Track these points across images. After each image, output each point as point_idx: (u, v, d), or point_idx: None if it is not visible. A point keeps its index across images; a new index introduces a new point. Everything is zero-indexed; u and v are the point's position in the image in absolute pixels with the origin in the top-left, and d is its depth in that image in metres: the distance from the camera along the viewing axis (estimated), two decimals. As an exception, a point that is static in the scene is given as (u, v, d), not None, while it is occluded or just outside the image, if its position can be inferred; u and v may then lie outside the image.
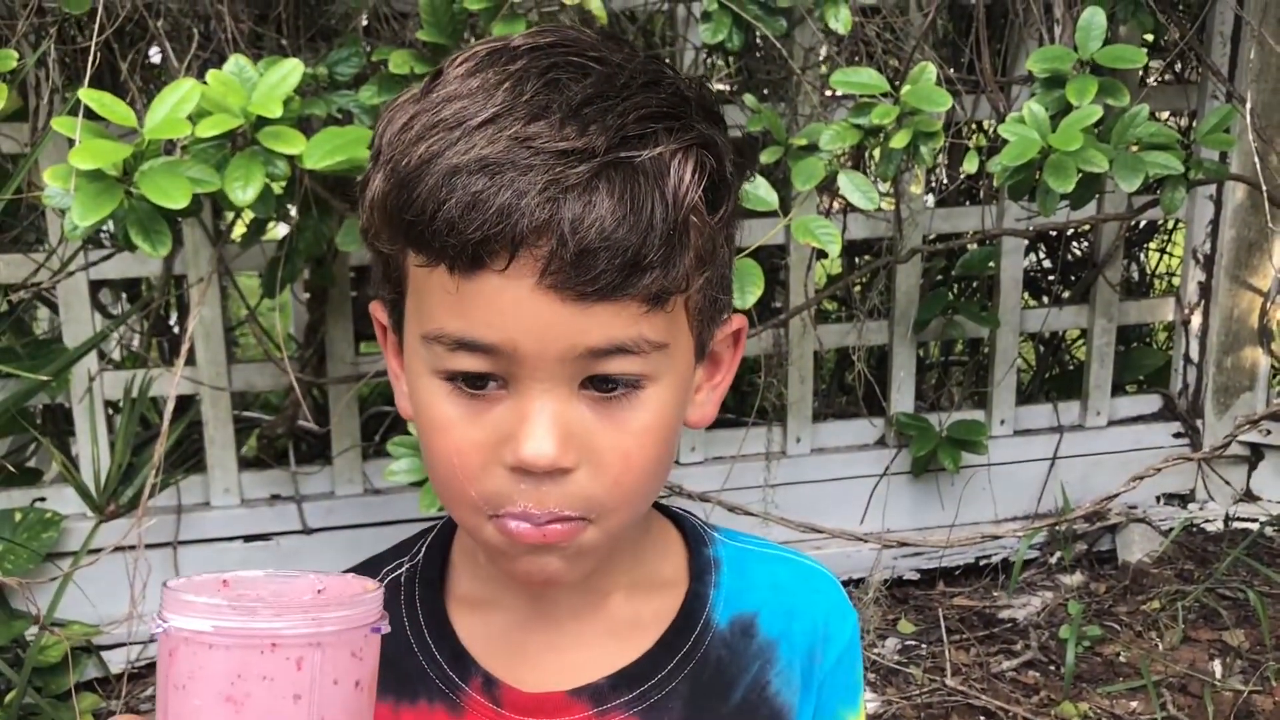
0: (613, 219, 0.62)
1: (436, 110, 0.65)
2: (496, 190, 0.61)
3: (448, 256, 0.63)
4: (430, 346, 0.66)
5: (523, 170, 0.62)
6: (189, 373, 2.06)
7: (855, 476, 2.40)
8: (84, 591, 1.96)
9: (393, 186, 0.64)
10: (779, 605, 0.78)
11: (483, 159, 0.62)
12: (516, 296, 0.63)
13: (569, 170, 0.62)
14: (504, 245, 0.62)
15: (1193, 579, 2.34)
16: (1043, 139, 1.71)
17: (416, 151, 0.64)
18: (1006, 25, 2.22)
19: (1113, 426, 2.54)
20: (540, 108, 0.63)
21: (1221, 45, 2.35)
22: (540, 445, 0.64)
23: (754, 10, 1.78)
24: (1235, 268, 2.46)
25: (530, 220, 0.61)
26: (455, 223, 0.62)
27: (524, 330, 0.63)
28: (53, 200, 1.41)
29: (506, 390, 0.65)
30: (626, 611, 0.76)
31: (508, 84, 0.64)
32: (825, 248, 1.62)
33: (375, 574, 0.77)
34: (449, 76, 0.67)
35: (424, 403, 0.67)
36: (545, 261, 0.62)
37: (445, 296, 0.64)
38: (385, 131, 0.67)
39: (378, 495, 2.20)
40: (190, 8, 1.70)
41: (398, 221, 0.65)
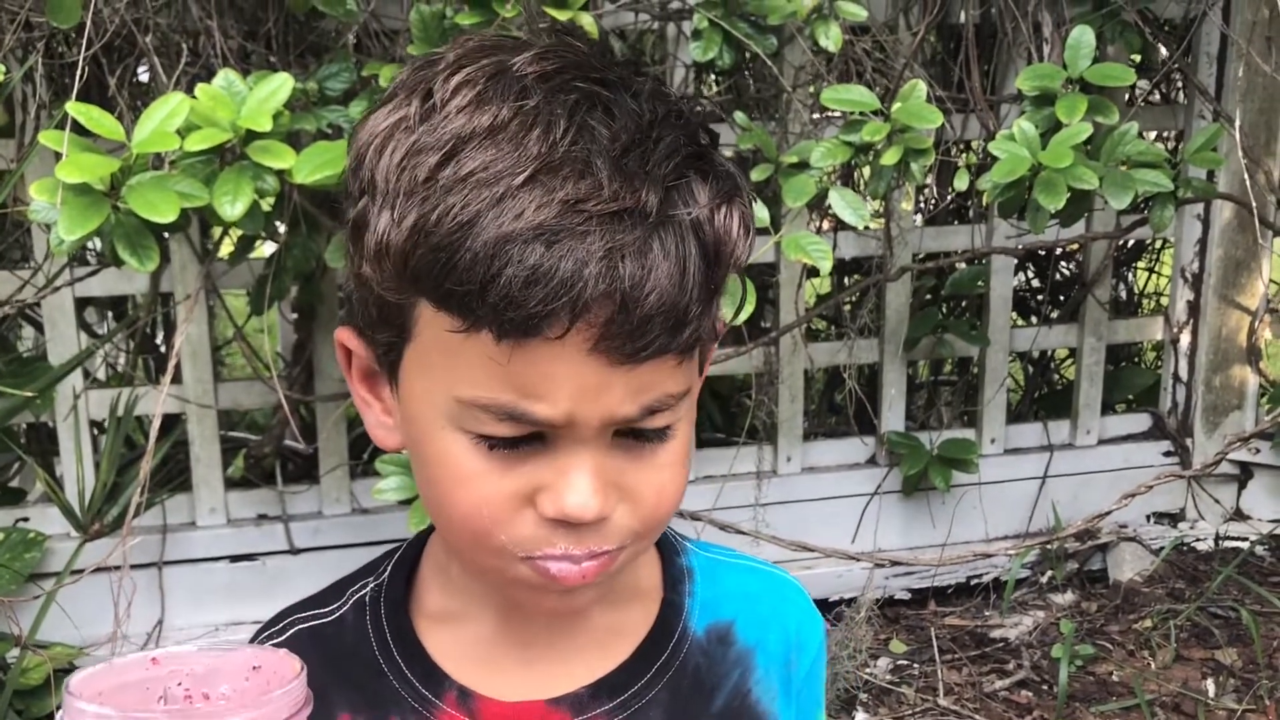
0: (668, 281, 0.60)
1: (453, 154, 0.61)
2: (556, 260, 0.59)
3: (496, 326, 0.60)
4: (468, 410, 0.63)
5: (579, 237, 0.59)
6: (175, 391, 2.04)
7: (846, 495, 2.39)
8: (67, 612, 1.94)
9: (419, 244, 0.60)
10: (753, 614, 0.78)
11: (538, 226, 0.59)
12: (569, 363, 0.61)
13: (626, 235, 0.60)
14: (563, 315, 0.59)
15: (1184, 598, 2.34)
16: (1033, 156, 1.71)
17: (451, 209, 0.59)
18: (995, 45, 2.23)
19: (1103, 445, 2.54)
20: (582, 162, 0.60)
21: (1208, 65, 2.37)
22: (585, 500, 0.63)
23: (744, 28, 1.79)
24: (1223, 287, 2.47)
25: (592, 290, 0.59)
26: (514, 296, 0.59)
27: (578, 399, 0.62)
28: (38, 215, 1.40)
29: (542, 445, 0.64)
30: (603, 621, 0.75)
31: (536, 129, 0.61)
32: (817, 264, 1.62)
33: (341, 596, 0.76)
34: (450, 107, 0.63)
35: (441, 452, 0.65)
36: (602, 328, 0.60)
37: (490, 365, 0.61)
38: (378, 163, 0.63)
39: (365, 515, 2.18)
40: (179, 23, 1.69)
41: (428, 282, 0.61)
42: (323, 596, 0.77)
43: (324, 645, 0.75)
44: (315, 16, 1.78)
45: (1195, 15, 2.28)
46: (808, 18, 1.75)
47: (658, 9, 1.97)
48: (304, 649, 0.72)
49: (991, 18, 2.18)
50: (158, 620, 2.10)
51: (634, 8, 1.94)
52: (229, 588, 2.15)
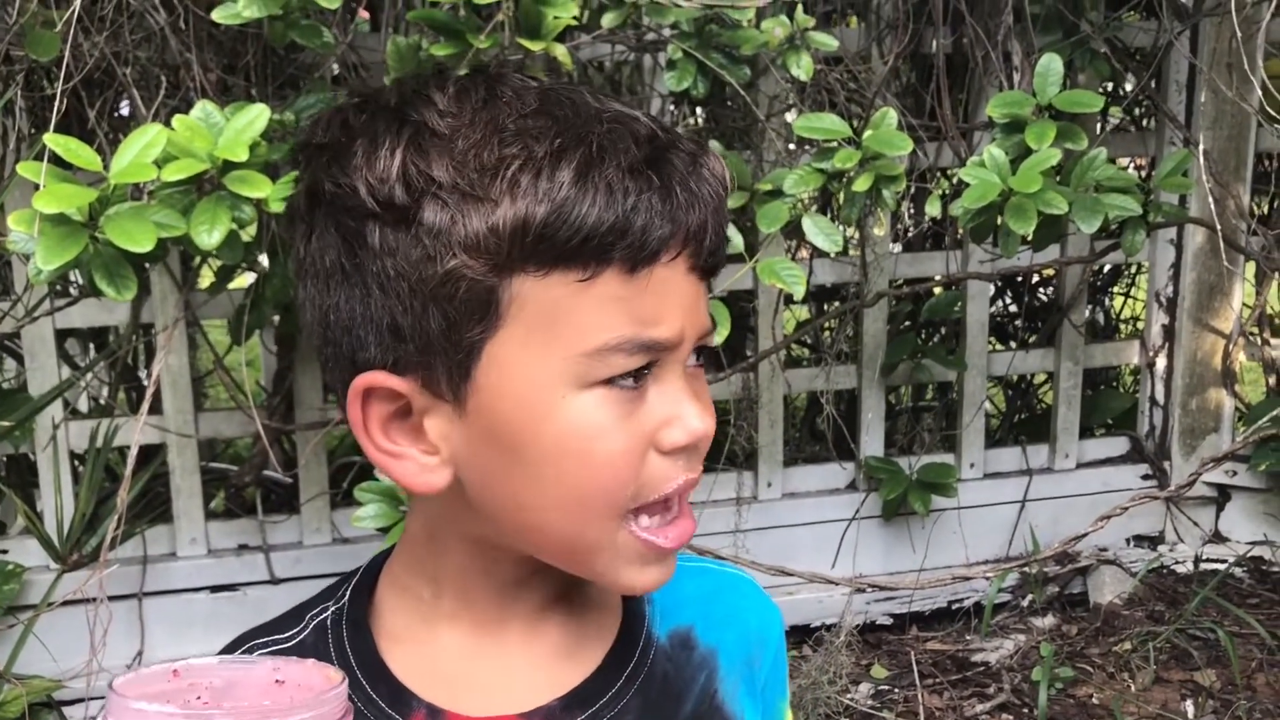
0: (721, 195, 0.69)
1: (513, 133, 0.65)
2: (668, 183, 0.66)
3: (630, 258, 0.65)
4: (597, 359, 0.66)
5: (670, 164, 0.66)
6: (156, 421, 2.04)
7: (826, 521, 2.40)
8: (45, 644, 1.93)
9: (536, 208, 0.63)
10: (711, 615, 0.80)
11: (644, 159, 0.65)
12: (677, 283, 0.67)
13: (688, 162, 0.67)
14: (682, 233, 0.66)
15: (1163, 620, 2.35)
16: (1003, 181, 1.73)
17: (558, 167, 0.64)
18: (967, 74, 2.26)
19: (1081, 469, 2.55)
20: (627, 115, 0.68)
21: (1178, 93, 2.41)
22: (706, 419, 0.69)
23: (718, 59, 1.81)
24: (1197, 310, 2.50)
25: (699, 204, 0.67)
26: (653, 222, 0.65)
27: (685, 316, 0.68)
28: (17, 246, 1.41)
29: (649, 380, 0.68)
30: (567, 634, 0.76)
31: (573, 96, 0.68)
32: (790, 289, 1.64)
33: (300, 622, 0.76)
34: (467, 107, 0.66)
35: (571, 420, 0.66)
36: (699, 243, 0.68)
37: (611, 305, 0.65)
38: (431, 169, 0.64)
39: (346, 544, 2.18)
40: (159, 56, 1.71)
41: (555, 241, 0.64)
42: (281, 622, 0.77)
43: None
44: (294, 49, 1.80)
45: (1163, 44, 2.32)
46: (780, 48, 1.78)
47: (633, 40, 2.00)
48: None
49: (963, 47, 2.21)
50: (137, 651, 2.09)
51: (610, 39, 1.96)
52: (210, 618, 2.14)
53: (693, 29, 1.80)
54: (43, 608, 1.90)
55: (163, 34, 1.66)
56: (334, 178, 0.67)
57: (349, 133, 0.68)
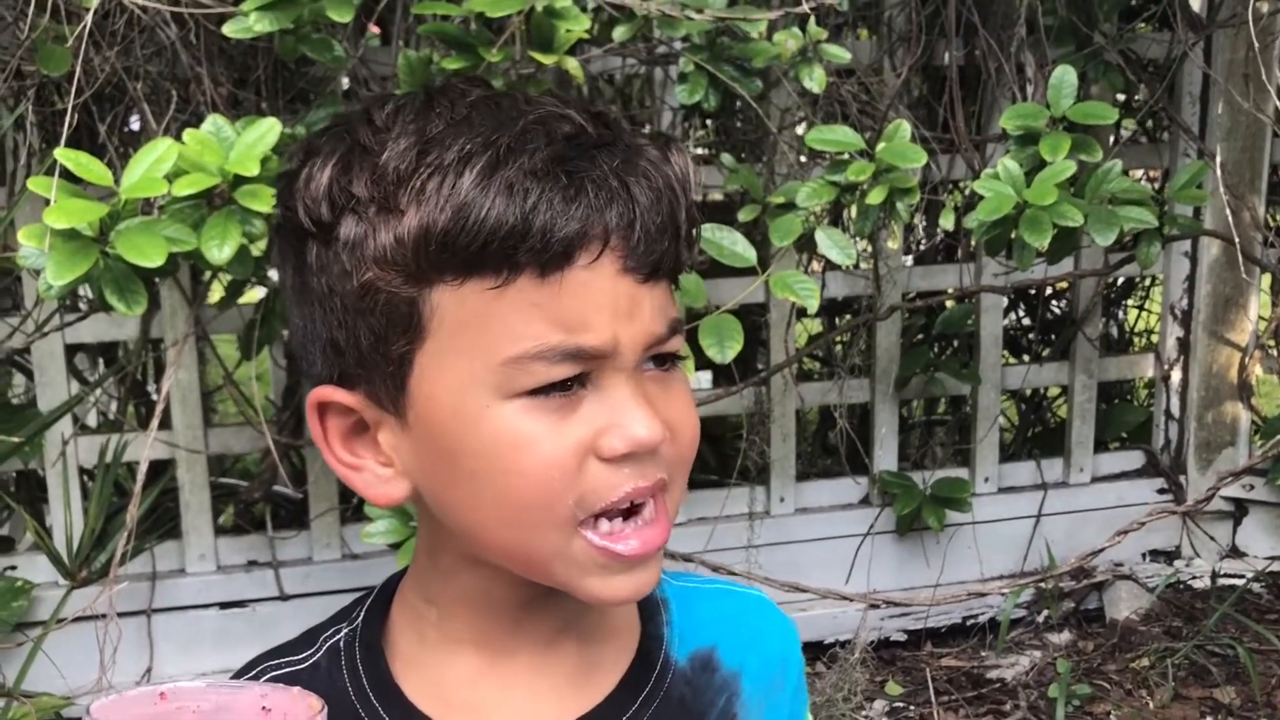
0: (667, 193, 0.66)
1: (432, 143, 0.64)
2: (580, 181, 0.63)
3: (540, 262, 0.63)
4: (518, 367, 0.64)
5: (590, 161, 0.64)
6: (165, 436, 2.04)
7: (840, 536, 2.38)
8: (54, 661, 1.92)
9: (440, 215, 0.62)
10: (734, 638, 0.78)
11: (553, 158, 0.63)
12: (604, 288, 0.65)
13: (620, 161, 0.65)
14: (596, 235, 0.64)
15: (1181, 636, 2.32)
16: (1017, 194, 1.72)
17: (463, 173, 0.62)
18: (980, 86, 2.25)
19: (1096, 483, 2.53)
20: (558, 116, 0.66)
21: (1191, 105, 2.39)
22: (650, 423, 0.66)
23: (729, 71, 1.80)
24: (1213, 323, 2.48)
25: (618, 205, 0.64)
26: (555, 222, 0.62)
27: (619, 321, 0.65)
28: (27, 261, 1.40)
29: (587, 387, 0.66)
30: (581, 659, 0.74)
31: (503, 103, 0.66)
32: (804, 302, 1.63)
33: (313, 643, 0.75)
34: (398, 122, 0.66)
35: (496, 430, 0.65)
36: (628, 243, 0.65)
37: (531, 311, 0.63)
38: (350, 184, 0.65)
39: (355, 560, 2.16)
40: (169, 71, 1.71)
41: (458, 249, 0.63)
42: (295, 644, 0.76)
43: None
44: (304, 63, 1.79)
45: (1177, 55, 2.31)
46: (792, 60, 1.77)
47: (644, 54, 1.99)
48: None
49: (975, 59, 2.20)
50: (146, 668, 2.08)
51: (621, 53, 1.96)
52: (219, 635, 2.13)
53: (704, 42, 1.80)
54: (51, 624, 1.89)
55: (173, 48, 1.66)
56: (283, 201, 0.69)
57: (304, 156, 0.69)
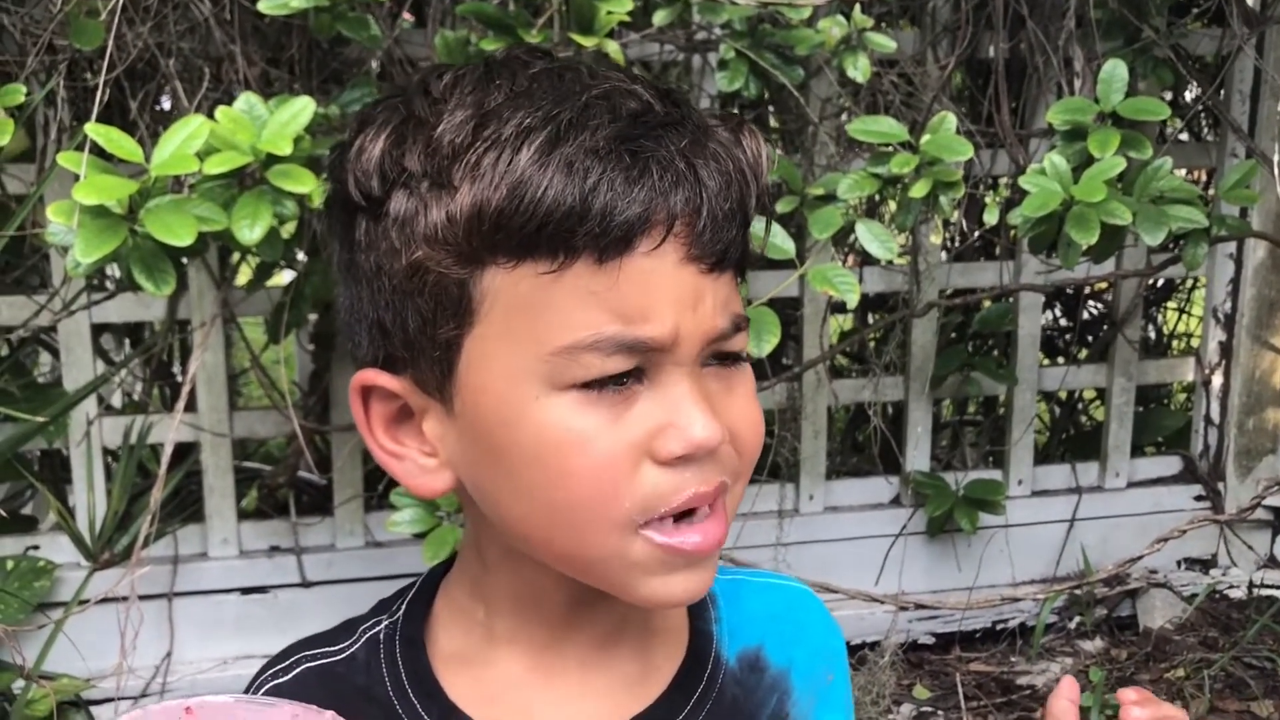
0: (737, 178, 0.62)
1: (489, 117, 0.60)
2: (645, 163, 0.59)
3: (598, 247, 0.59)
4: (570, 358, 0.60)
5: (656, 142, 0.60)
6: (190, 419, 2.02)
7: (869, 536, 2.34)
8: (74, 643, 1.90)
9: (494, 194, 0.58)
10: (780, 634, 0.76)
11: (616, 137, 0.59)
12: (666, 276, 0.60)
13: (688, 142, 0.61)
14: (660, 221, 0.59)
15: (1217, 646, 2.27)
16: (1065, 190, 1.67)
17: (520, 150, 0.58)
18: (1024, 80, 2.20)
19: (1132, 488, 2.48)
20: (625, 91, 0.61)
21: (1241, 103, 2.33)
22: (709, 425, 0.62)
23: (771, 59, 1.77)
24: (1257, 327, 2.42)
25: (684, 190, 0.60)
26: (616, 205, 0.58)
27: (680, 312, 0.61)
28: (55, 237, 1.38)
29: (643, 383, 0.62)
30: (633, 662, 0.71)
31: (566, 76, 0.62)
32: (843, 297, 1.59)
33: (351, 635, 0.73)
34: (456, 95, 0.62)
35: (545, 425, 0.61)
36: (692, 231, 0.60)
37: (587, 299, 0.59)
38: (404, 158, 0.61)
39: (379, 548, 2.14)
40: (202, 48, 1.68)
41: (512, 230, 0.59)
42: (332, 634, 0.74)
43: (333, 685, 0.71)
44: (339, 43, 1.77)
45: (1228, 52, 2.25)
46: (836, 49, 1.73)
47: (683, 40, 1.95)
48: (311, 689, 0.69)
49: (1020, 52, 2.15)
50: (166, 653, 2.06)
51: (660, 39, 1.92)
52: (240, 620, 2.11)
53: (745, 28, 1.76)
54: (73, 606, 1.87)
55: (207, 25, 1.63)
56: (335, 174, 0.66)
57: (361, 124, 0.66)
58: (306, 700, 0.69)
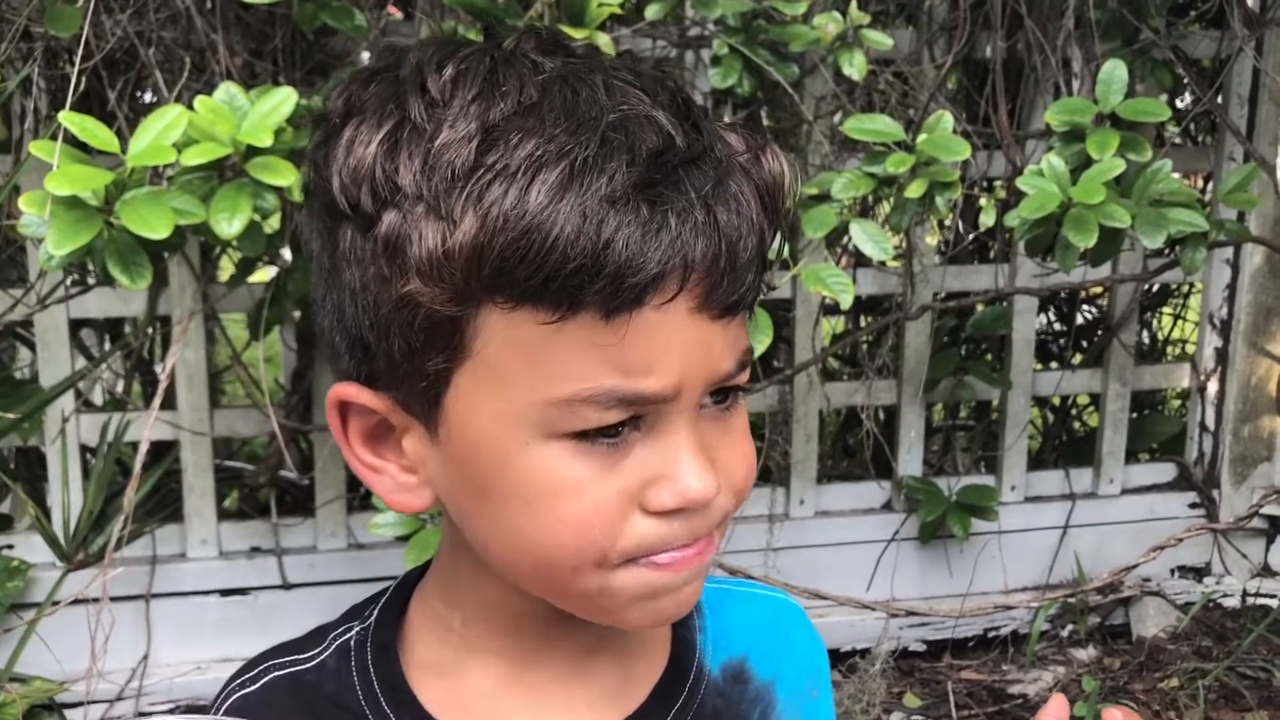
0: (756, 222, 0.58)
1: (495, 138, 0.55)
2: (663, 215, 0.55)
3: (606, 301, 0.55)
4: (566, 409, 0.57)
5: (675, 188, 0.56)
6: (170, 417, 1.98)
7: (860, 541, 2.31)
8: (48, 645, 1.86)
9: (498, 235, 0.54)
10: (766, 646, 0.74)
11: (636, 184, 0.55)
12: (676, 328, 0.57)
13: (709, 182, 0.57)
14: (675, 274, 0.56)
15: (1211, 656, 2.24)
16: (1063, 192, 1.65)
17: (527, 189, 0.54)
18: (1021, 81, 2.17)
19: (1126, 495, 2.45)
20: (644, 118, 0.56)
21: (1239, 106, 2.31)
22: (705, 479, 0.59)
23: (765, 55, 1.73)
24: (1253, 334, 2.40)
25: (704, 241, 0.56)
26: (630, 261, 0.54)
27: (687, 366, 0.58)
28: (29, 229, 1.34)
29: (640, 430, 0.59)
30: (614, 672, 0.69)
31: (581, 93, 0.56)
32: (837, 297, 1.56)
33: (321, 642, 0.70)
34: (458, 99, 0.57)
35: (534, 470, 0.58)
36: (708, 282, 0.57)
37: (589, 350, 0.56)
38: (396, 172, 0.56)
39: (362, 550, 2.10)
40: (184, 37, 1.64)
41: (515, 276, 0.55)
42: (302, 642, 0.71)
43: (302, 694, 0.68)
44: (324, 34, 1.73)
45: (1227, 54, 2.22)
46: (831, 46, 1.70)
47: (676, 35, 1.92)
48: (280, 697, 0.67)
49: (1017, 52, 2.12)
50: (143, 655, 2.02)
51: (652, 33, 1.89)
52: (219, 623, 2.07)
53: (739, 24, 1.73)
54: (46, 607, 1.83)
55: (188, 14, 1.60)
56: (318, 166, 0.61)
57: (347, 110, 0.60)
58: (275, 710, 0.66)
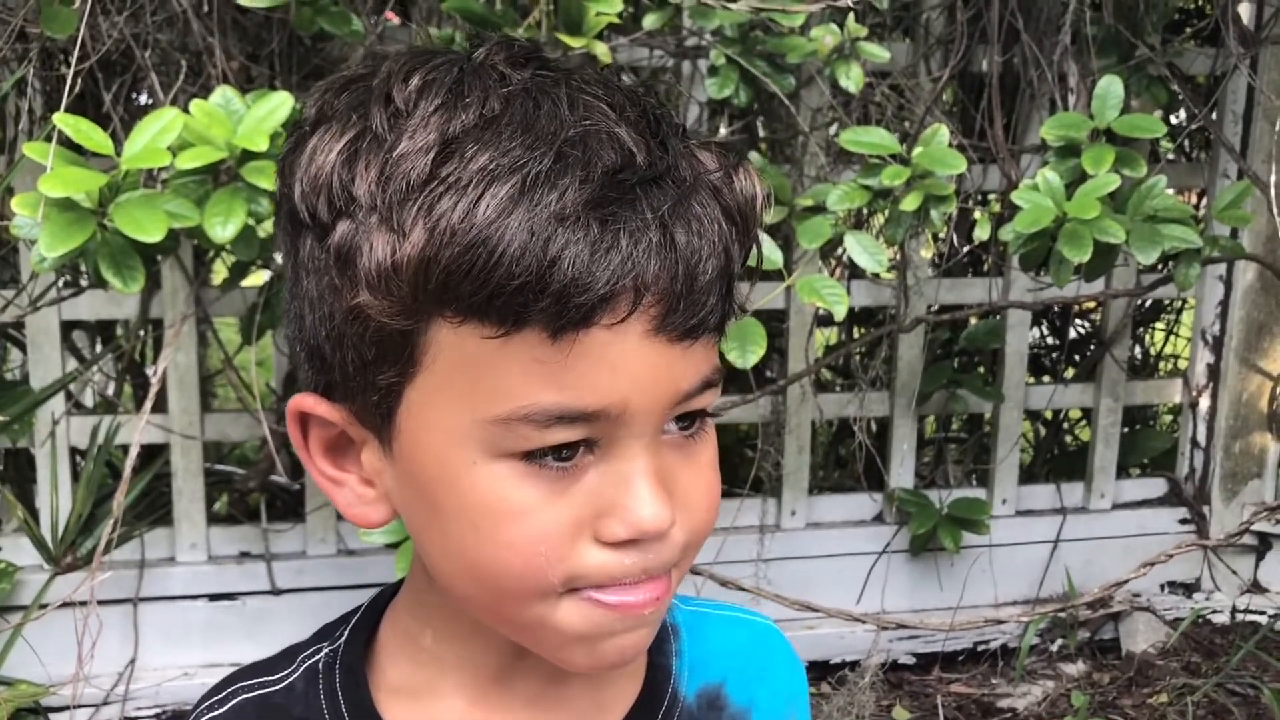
0: (719, 244, 0.57)
1: (451, 150, 0.54)
2: (615, 234, 0.54)
3: (553, 320, 0.54)
4: (508, 428, 0.56)
5: (630, 207, 0.55)
6: (161, 420, 1.97)
7: (851, 553, 2.30)
8: (34, 649, 1.85)
9: (445, 248, 0.53)
10: (743, 671, 0.73)
11: (587, 202, 0.54)
12: (625, 350, 0.55)
13: (669, 202, 0.55)
14: (626, 295, 0.54)
15: (1201, 672, 2.24)
16: (1057, 207, 1.65)
17: (476, 202, 0.53)
18: (1017, 95, 2.18)
19: (1117, 510, 2.46)
20: (605, 134, 0.55)
21: (1234, 123, 2.32)
22: (659, 510, 0.57)
23: (762, 66, 1.74)
24: (1245, 350, 2.40)
25: (657, 261, 0.54)
26: (578, 280, 0.53)
27: (637, 386, 0.56)
28: (21, 230, 1.34)
29: (594, 454, 0.57)
30: (586, 696, 0.68)
31: (543, 107, 0.55)
32: (831, 308, 1.56)
33: (290, 664, 0.68)
34: (421, 108, 0.56)
35: (479, 491, 0.57)
36: (664, 304, 0.55)
37: (533, 366, 0.55)
38: (352, 181, 0.55)
39: (351, 556, 2.10)
40: (180, 40, 1.64)
41: (460, 290, 0.54)
42: (271, 663, 0.69)
43: (270, 716, 0.67)
44: (320, 39, 1.73)
45: (1222, 72, 2.23)
46: (828, 58, 1.70)
47: (673, 45, 1.92)
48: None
49: (1013, 67, 2.13)
50: (130, 659, 2.01)
51: (649, 43, 1.89)
52: (207, 627, 2.06)
53: (737, 35, 1.73)
54: (33, 610, 1.82)
55: (185, 17, 1.59)
56: (283, 175, 0.60)
57: (317, 119, 0.59)
58: None
